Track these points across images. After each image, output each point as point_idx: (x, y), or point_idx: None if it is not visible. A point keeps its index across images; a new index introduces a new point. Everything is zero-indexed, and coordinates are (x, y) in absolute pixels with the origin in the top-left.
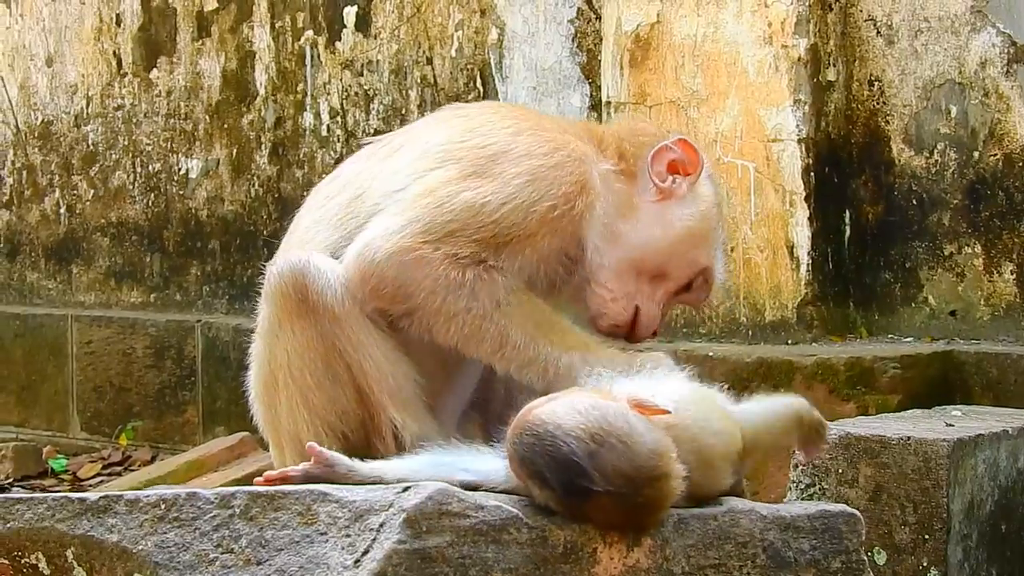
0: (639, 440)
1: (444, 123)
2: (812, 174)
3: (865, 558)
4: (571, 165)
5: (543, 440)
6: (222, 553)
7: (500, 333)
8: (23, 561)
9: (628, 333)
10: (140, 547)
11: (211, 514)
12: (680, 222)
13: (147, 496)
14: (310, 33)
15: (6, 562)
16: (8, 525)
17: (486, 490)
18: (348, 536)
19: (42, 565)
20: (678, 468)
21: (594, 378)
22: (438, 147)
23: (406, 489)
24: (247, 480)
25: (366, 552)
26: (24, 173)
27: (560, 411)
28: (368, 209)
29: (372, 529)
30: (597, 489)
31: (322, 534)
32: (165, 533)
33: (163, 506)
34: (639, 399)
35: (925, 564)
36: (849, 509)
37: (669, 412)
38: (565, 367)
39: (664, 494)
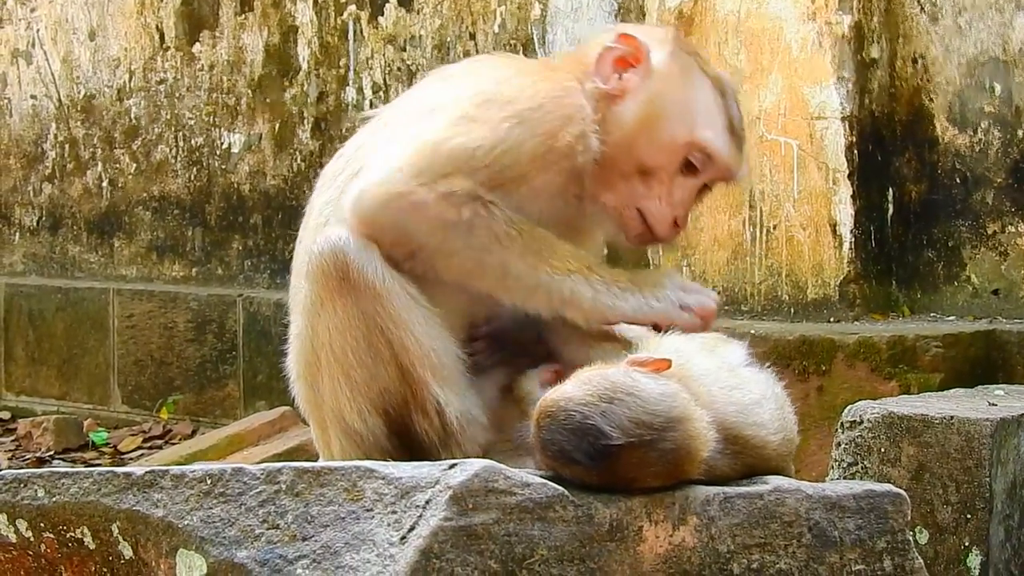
0: (645, 388)
1: (429, 85)
2: (855, 152)
3: (911, 538)
4: (552, 103)
5: (558, 417)
6: (268, 529)
7: (501, 265)
8: (68, 535)
9: (651, 238)
10: (185, 522)
11: (257, 489)
12: (631, 112)
13: (193, 471)
14: (353, 8)
15: (51, 536)
16: (54, 499)
17: None
18: (394, 513)
19: (87, 539)
20: (699, 412)
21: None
22: (423, 103)
23: (452, 466)
24: (288, 454)
25: (412, 529)
26: (66, 147)
27: (568, 389)
28: None
29: (418, 506)
30: (619, 443)
31: (368, 510)
32: (211, 508)
33: (209, 481)
34: (637, 358)
35: (967, 544)
36: (895, 489)
37: (669, 361)
38: (569, 291)
39: (692, 435)
